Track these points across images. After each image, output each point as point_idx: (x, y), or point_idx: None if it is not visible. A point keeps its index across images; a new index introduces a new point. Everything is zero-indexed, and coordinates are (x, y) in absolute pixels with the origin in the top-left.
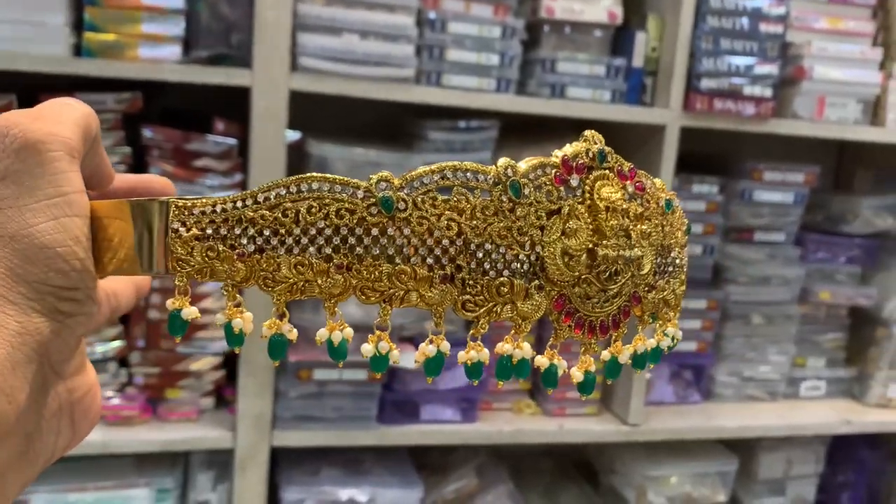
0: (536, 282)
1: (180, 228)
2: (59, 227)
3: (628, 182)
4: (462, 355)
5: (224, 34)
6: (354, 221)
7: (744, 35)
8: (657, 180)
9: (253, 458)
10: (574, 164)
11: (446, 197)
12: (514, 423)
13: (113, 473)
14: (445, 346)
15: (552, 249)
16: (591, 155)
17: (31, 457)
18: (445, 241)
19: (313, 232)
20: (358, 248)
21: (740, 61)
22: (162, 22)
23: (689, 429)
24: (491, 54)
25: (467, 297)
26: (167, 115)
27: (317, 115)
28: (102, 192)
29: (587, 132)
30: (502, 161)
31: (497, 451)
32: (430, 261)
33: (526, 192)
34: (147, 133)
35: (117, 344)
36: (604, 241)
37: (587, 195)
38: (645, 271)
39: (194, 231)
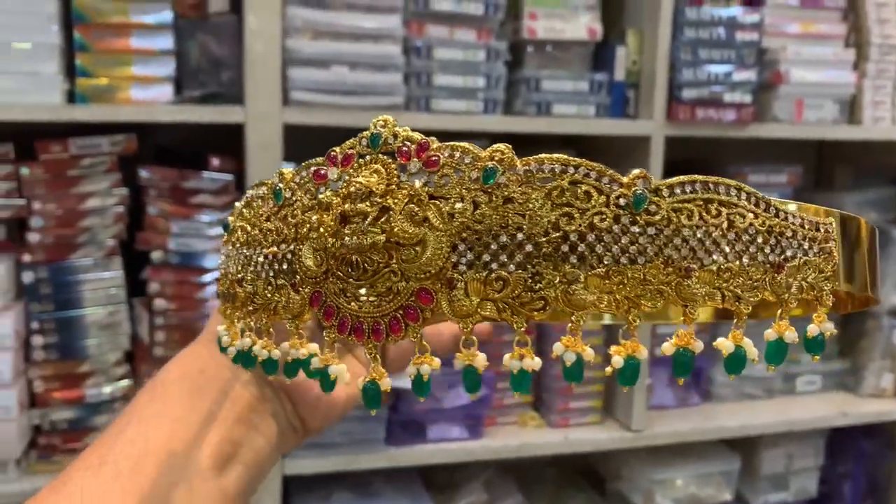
0: (293, 280)
1: None
2: None
3: (413, 160)
4: (257, 349)
5: (214, 72)
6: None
7: (721, 44)
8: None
9: (265, 487)
10: (340, 156)
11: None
12: (519, 436)
13: None
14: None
15: (302, 246)
16: (364, 143)
17: (267, 412)
18: (242, 250)
19: None
20: (219, 266)
21: (719, 69)
22: (152, 63)
23: (691, 431)
24: (477, 77)
25: (251, 298)
26: (161, 153)
27: (311, 146)
28: None
29: (380, 117)
30: (278, 170)
31: (504, 465)
32: (236, 267)
33: (288, 194)
34: (144, 173)
35: (125, 383)
36: (338, 231)
37: (343, 185)
38: (419, 262)
39: None
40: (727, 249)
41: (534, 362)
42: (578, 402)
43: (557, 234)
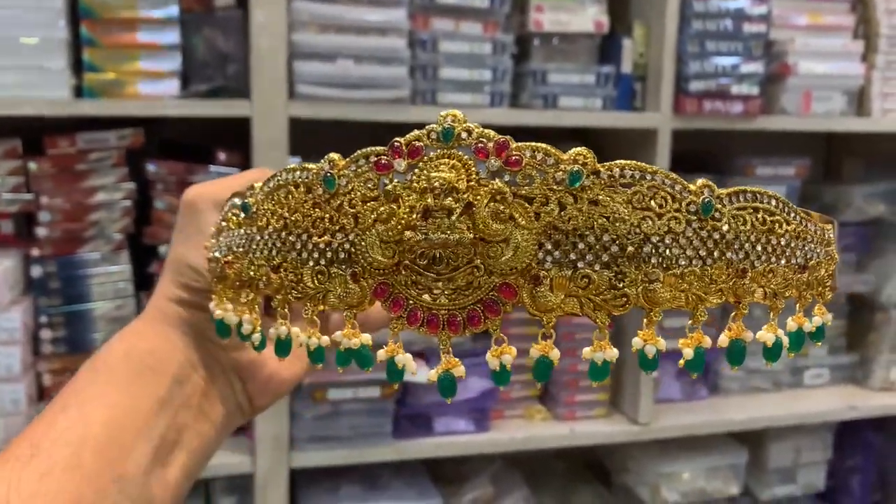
0: (352, 270)
1: None
2: (200, 254)
3: (493, 158)
4: (298, 334)
5: (220, 66)
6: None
7: (728, 36)
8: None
9: (273, 480)
10: (406, 148)
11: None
12: (526, 429)
13: None
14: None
15: (365, 236)
16: (433, 136)
17: (215, 395)
18: (275, 235)
19: None
20: (234, 249)
21: (726, 62)
22: (159, 58)
23: (699, 424)
24: (483, 70)
25: (292, 286)
26: (165, 147)
27: (317, 140)
28: None
29: (446, 112)
30: (328, 156)
31: (510, 458)
32: (265, 252)
33: (343, 182)
34: (151, 167)
35: None
36: (418, 225)
37: (415, 178)
38: (506, 258)
39: None
40: (771, 252)
41: (613, 352)
42: (585, 395)
43: (639, 237)
